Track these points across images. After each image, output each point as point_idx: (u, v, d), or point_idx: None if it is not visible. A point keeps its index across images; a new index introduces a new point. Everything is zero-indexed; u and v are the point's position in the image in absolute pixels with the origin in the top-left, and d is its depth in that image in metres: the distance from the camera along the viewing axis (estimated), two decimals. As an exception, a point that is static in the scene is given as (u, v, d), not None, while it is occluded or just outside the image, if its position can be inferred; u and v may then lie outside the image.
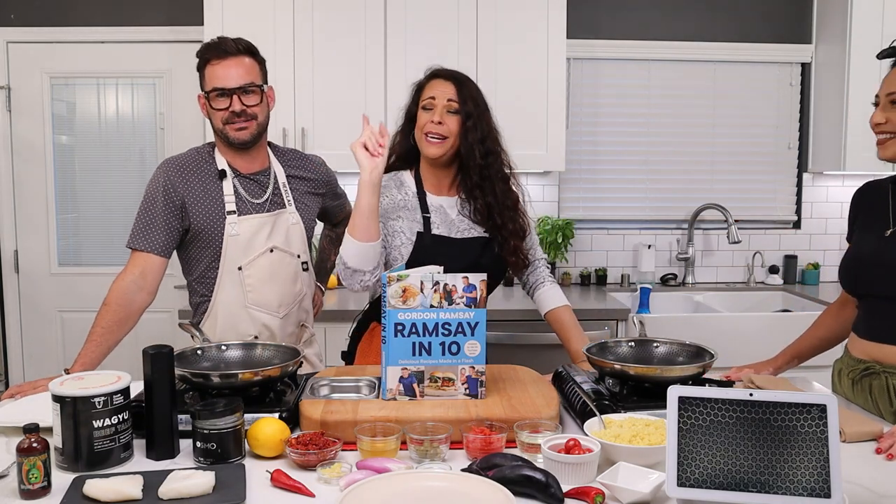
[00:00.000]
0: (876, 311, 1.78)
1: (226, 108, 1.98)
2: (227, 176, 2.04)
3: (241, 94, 1.98)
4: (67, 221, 3.70)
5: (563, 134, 3.35)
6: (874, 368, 1.77)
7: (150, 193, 2.02)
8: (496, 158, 2.01)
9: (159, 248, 1.99)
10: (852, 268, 1.84)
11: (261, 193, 2.08)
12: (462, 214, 2.06)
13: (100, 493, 1.25)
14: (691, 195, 3.83)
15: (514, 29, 3.26)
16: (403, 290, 1.60)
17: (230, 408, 1.42)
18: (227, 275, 2.04)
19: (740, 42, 3.76)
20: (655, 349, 1.84)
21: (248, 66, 2.00)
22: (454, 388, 1.64)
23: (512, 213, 2.04)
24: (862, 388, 1.81)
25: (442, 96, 1.95)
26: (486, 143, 1.98)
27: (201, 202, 2.02)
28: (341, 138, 3.24)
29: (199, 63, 2.02)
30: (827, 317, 2.01)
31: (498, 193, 2.01)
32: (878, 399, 1.77)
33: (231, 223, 2.02)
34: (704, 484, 1.21)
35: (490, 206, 2.01)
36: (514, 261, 2.06)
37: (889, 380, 1.74)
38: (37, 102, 3.61)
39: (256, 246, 2.05)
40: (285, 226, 2.10)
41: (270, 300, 2.08)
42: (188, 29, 3.51)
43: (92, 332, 1.89)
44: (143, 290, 1.97)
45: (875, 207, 1.84)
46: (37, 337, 3.70)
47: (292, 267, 2.11)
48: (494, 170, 2.00)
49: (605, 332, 3.05)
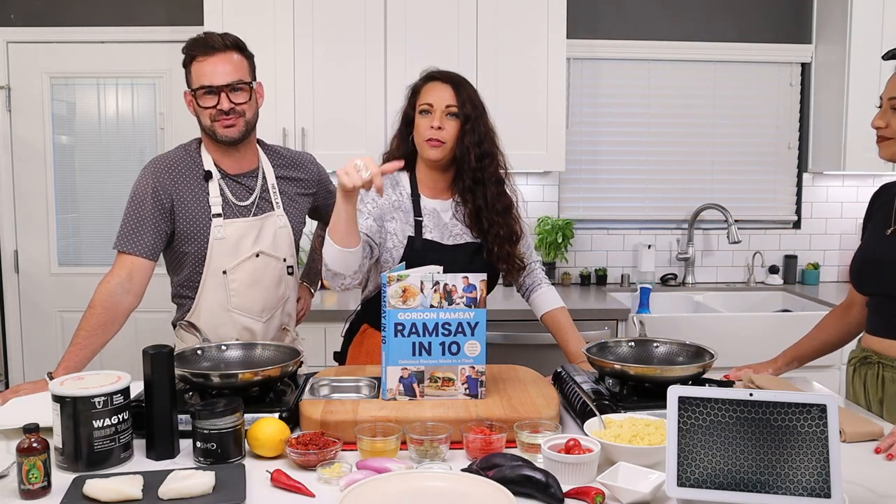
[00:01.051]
0: (881, 309, 1.81)
1: (213, 105, 1.93)
2: (212, 177, 2.00)
3: (230, 91, 1.93)
4: (67, 221, 3.70)
5: (563, 134, 3.35)
6: (871, 358, 1.83)
7: (138, 194, 1.98)
8: (492, 161, 1.99)
9: (147, 251, 1.94)
10: (858, 267, 1.87)
11: (247, 196, 2.04)
12: (456, 218, 2.05)
13: (100, 493, 1.25)
14: (691, 195, 3.83)
15: (514, 29, 3.26)
16: (403, 290, 1.60)
17: (230, 408, 1.42)
18: (211, 278, 2.01)
19: (740, 42, 3.76)
20: (655, 349, 1.84)
21: (237, 63, 1.95)
22: (454, 388, 1.64)
23: (502, 218, 2.01)
24: (860, 375, 1.87)
25: (440, 101, 1.94)
26: (483, 146, 1.96)
27: (188, 204, 1.98)
28: (341, 138, 3.26)
29: (184, 59, 1.97)
30: (831, 319, 2.02)
31: (489, 197, 1.99)
32: (869, 387, 1.83)
33: (217, 226, 1.98)
34: (704, 484, 1.21)
35: (479, 209, 1.99)
36: (507, 266, 2.04)
37: (881, 370, 1.80)
38: (37, 102, 3.61)
39: (242, 250, 2.01)
40: (273, 229, 2.06)
41: (254, 304, 2.05)
42: (188, 29, 3.50)
43: (76, 335, 1.85)
44: (129, 292, 1.93)
45: (884, 207, 1.87)
46: (37, 337, 3.70)
47: (277, 271, 2.08)
48: (489, 173, 1.98)
49: (605, 332, 3.05)
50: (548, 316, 2.11)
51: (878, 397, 1.80)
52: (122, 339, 2.11)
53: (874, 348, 1.82)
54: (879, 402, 1.80)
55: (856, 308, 1.93)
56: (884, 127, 1.73)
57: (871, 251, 1.84)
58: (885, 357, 1.79)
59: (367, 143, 3.25)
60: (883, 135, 1.74)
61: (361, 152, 3.26)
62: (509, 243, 2.02)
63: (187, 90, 1.99)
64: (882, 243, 1.80)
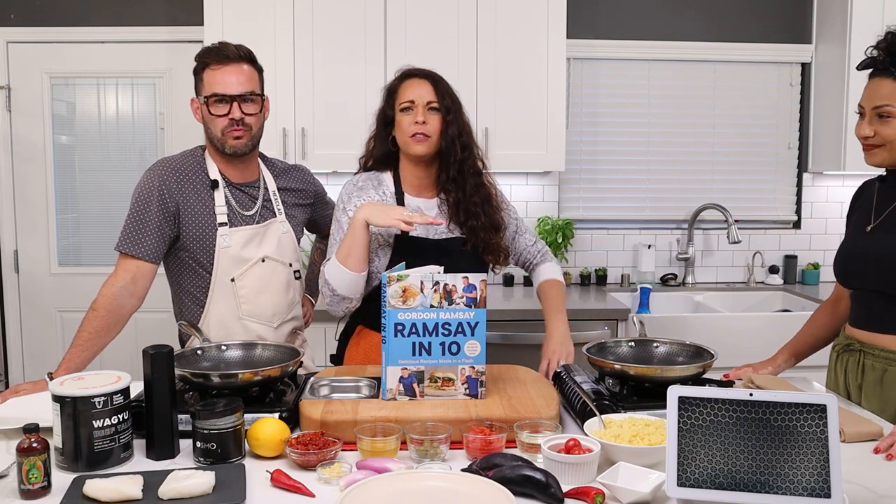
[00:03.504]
0: (864, 303, 1.84)
1: (224, 114, 1.94)
2: (218, 186, 2.00)
3: (241, 101, 1.94)
4: (67, 221, 3.70)
5: (563, 134, 3.35)
6: (854, 346, 1.86)
7: (143, 196, 1.96)
8: (470, 153, 2.01)
9: (151, 253, 1.94)
10: (841, 262, 1.90)
11: (251, 205, 2.05)
12: (441, 216, 2.05)
13: (100, 493, 1.25)
14: (691, 195, 3.83)
15: (514, 29, 3.26)
16: (403, 290, 1.60)
17: (230, 408, 1.42)
18: (219, 287, 2.00)
19: (740, 42, 3.76)
20: (655, 349, 1.84)
21: (249, 74, 1.96)
22: (454, 388, 1.64)
23: (482, 207, 2.02)
24: (841, 362, 1.90)
25: (420, 98, 1.95)
26: (462, 138, 1.98)
27: (194, 210, 1.98)
28: (341, 138, 3.26)
29: (196, 66, 1.98)
30: (821, 314, 2.05)
31: (468, 189, 2.00)
32: (850, 373, 1.86)
33: (223, 235, 1.98)
34: (704, 484, 1.21)
35: (458, 201, 2.00)
36: (493, 258, 2.05)
37: (862, 356, 1.83)
38: (37, 102, 3.61)
39: (248, 257, 2.01)
40: (277, 234, 2.07)
41: (264, 310, 2.05)
42: (188, 29, 3.51)
43: (78, 336, 1.85)
44: (133, 295, 1.93)
45: (865, 204, 1.90)
46: (37, 337, 3.70)
47: (284, 276, 2.09)
48: (468, 164, 2.00)
49: (605, 332, 3.05)
50: (539, 288, 2.15)
51: (858, 383, 1.83)
52: (122, 339, 2.10)
53: (858, 338, 1.85)
54: (858, 388, 1.83)
55: (844, 302, 1.97)
56: (872, 136, 1.73)
57: (853, 246, 1.86)
58: (867, 346, 1.82)
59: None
60: (872, 143, 1.74)
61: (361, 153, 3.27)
62: (489, 232, 2.03)
63: (195, 98, 1.99)
64: (864, 239, 1.83)
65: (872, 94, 1.72)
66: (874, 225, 1.82)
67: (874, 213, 1.83)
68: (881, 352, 1.77)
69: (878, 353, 1.78)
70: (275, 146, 3.20)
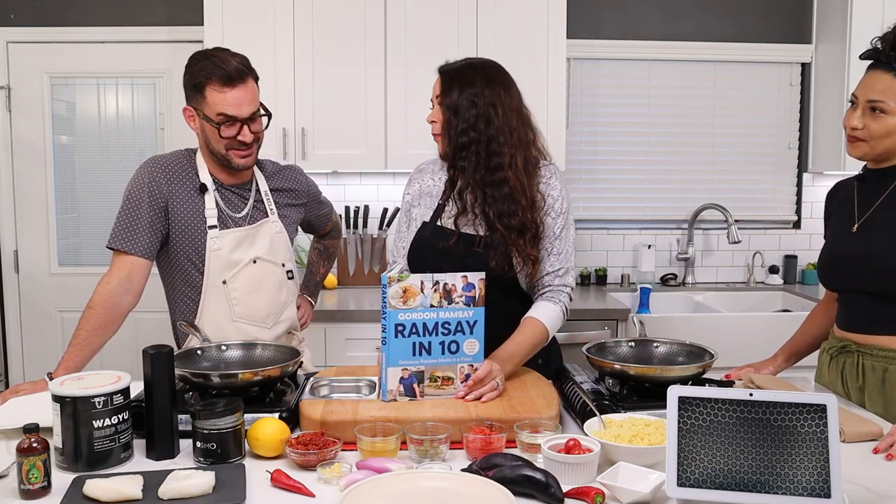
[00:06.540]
0: (852, 304, 1.84)
1: (233, 136, 1.91)
2: (207, 190, 1.98)
3: (249, 121, 1.92)
4: (67, 221, 3.70)
5: (563, 134, 3.35)
6: (850, 347, 1.84)
7: (133, 192, 1.96)
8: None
9: (144, 250, 1.93)
10: (826, 265, 1.89)
11: (241, 206, 2.03)
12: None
13: (100, 493, 1.25)
14: (691, 195, 3.83)
15: (514, 29, 3.26)
16: (404, 291, 1.61)
17: (230, 408, 1.42)
18: (211, 290, 1.99)
19: (740, 42, 3.75)
20: (655, 349, 1.84)
21: (253, 91, 1.93)
22: (453, 386, 1.64)
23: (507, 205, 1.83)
24: (837, 364, 1.88)
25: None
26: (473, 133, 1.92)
27: (183, 210, 1.97)
28: (341, 138, 3.26)
29: (196, 80, 1.90)
30: (817, 313, 2.05)
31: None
32: (848, 375, 1.84)
33: (213, 237, 1.97)
34: (704, 484, 1.21)
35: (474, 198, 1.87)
36: (520, 257, 1.85)
37: (860, 358, 1.81)
38: (37, 102, 3.61)
39: (239, 259, 2.00)
40: (269, 235, 2.05)
41: (257, 312, 2.04)
42: (188, 29, 3.50)
43: (76, 335, 1.84)
44: (129, 292, 1.92)
45: (843, 205, 1.89)
46: (37, 337, 3.70)
47: (277, 277, 2.07)
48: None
49: (605, 332, 3.05)
50: (523, 319, 1.88)
51: (858, 385, 1.82)
52: (122, 339, 2.11)
53: (853, 339, 1.84)
54: (860, 390, 1.82)
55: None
56: (860, 128, 1.73)
57: (838, 248, 1.85)
58: (864, 347, 1.81)
59: (367, 144, 3.24)
60: (857, 136, 1.74)
61: (361, 153, 3.28)
62: (518, 232, 1.85)
63: (190, 108, 1.94)
64: (849, 241, 1.82)
65: (869, 86, 1.71)
66: (860, 224, 1.81)
67: (857, 214, 1.82)
68: (880, 351, 1.77)
69: (878, 354, 1.77)
70: (275, 146, 3.19)
